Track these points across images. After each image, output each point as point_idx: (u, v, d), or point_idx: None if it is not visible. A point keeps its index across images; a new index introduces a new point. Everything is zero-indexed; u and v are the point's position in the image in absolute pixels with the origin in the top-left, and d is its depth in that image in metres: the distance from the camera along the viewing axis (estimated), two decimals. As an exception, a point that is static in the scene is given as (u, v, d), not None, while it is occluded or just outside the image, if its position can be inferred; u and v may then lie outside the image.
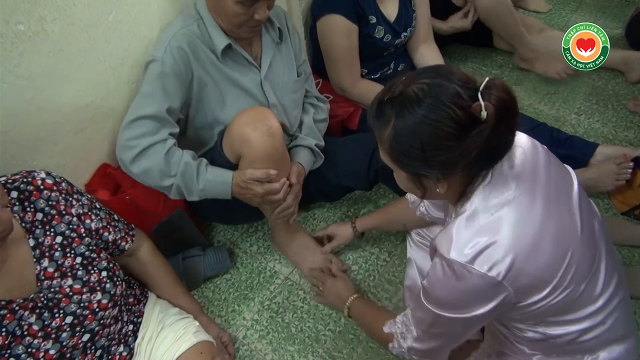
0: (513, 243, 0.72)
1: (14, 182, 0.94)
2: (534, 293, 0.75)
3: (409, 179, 0.80)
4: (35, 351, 0.91)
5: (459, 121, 0.69)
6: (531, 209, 0.75)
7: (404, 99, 0.72)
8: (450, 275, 0.74)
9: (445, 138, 0.70)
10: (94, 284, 0.99)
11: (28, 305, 0.91)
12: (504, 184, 0.76)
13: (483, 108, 0.67)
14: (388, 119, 0.74)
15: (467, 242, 0.73)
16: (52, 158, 1.20)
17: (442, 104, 0.69)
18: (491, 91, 0.68)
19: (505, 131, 0.72)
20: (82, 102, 1.20)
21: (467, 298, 0.75)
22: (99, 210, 1.09)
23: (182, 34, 1.16)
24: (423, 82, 0.71)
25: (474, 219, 0.75)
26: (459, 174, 0.75)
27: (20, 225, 0.93)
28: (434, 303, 0.79)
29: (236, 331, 1.39)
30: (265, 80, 1.28)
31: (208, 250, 1.52)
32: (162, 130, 1.15)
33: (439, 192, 0.78)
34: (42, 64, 1.08)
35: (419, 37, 1.65)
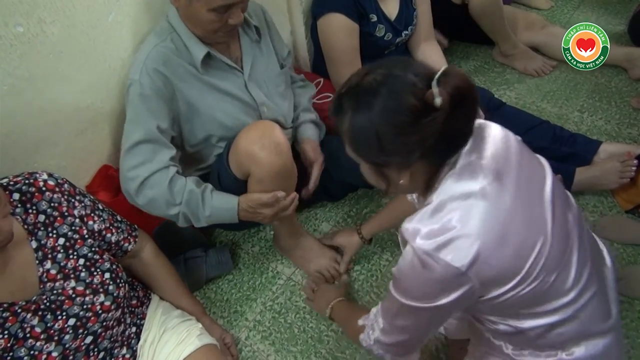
0: (479, 233, 0.72)
1: (15, 184, 0.94)
2: (500, 285, 0.75)
3: (372, 170, 0.81)
4: (37, 354, 0.91)
5: (413, 109, 0.69)
6: (499, 200, 0.74)
7: (359, 90, 0.73)
8: (417, 263, 0.74)
9: (401, 126, 0.71)
10: (96, 286, 0.99)
11: (30, 308, 0.92)
12: (471, 174, 0.76)
13: (436, 95, 0.68)
14: (346, 111, 0.75)
15: (433, 230, 0.73)
16: (52, 160, 1.21)
17: (396, 92, 0.70)
18: (447, 79, 0.69)
19: (462, 119, 0.72)
20: (83, 103, 1.21)
21: (431, 287, 0.75)
22: (101, 212, 1.09)
23: (156, 52, 1.14)
24: (378, 73, 0.72)
25: (440, 209, 0.75)
26: (420, 163, 0.75)
27: (22, 227, 0.93)
28: (401, 291, 0.80)
29: (239, 332, 1.39)
30: (249, 81, 1.28)
31: (210, 251, 1.52)
32: (160, 155, 1.14)
33: (403, 183, 0.79)
34: (42, 66, 1.09)
35: (420, 36, 1.65)
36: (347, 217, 1.65)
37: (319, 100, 1.65)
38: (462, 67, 2.13)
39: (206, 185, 1.19)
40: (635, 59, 1.90)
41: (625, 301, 1.32)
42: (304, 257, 1.48)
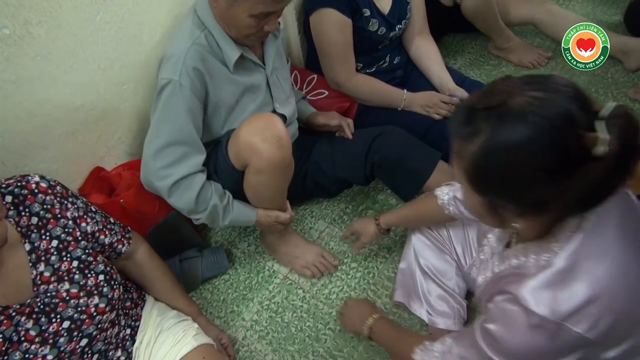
0: (618, 299, 0.63)
1: (8, 187, 0.95)
2: (613, 347, 0.68)
3: (484, 206, 0.68)
4: (32, 357, 0.92)
5: (569, 152, 0.56)
6: (630, 256, 0.65)
7: (504, 111, 0.60)
8: (541, 332, 0.64)
9: (546, 170, 0.58)
10: (91, 288, 1.00)
11: (25, 311, 0.92)
12: (603, 230, 0.65)
13: (603, 142, 0.55)
14: (477, 132, 0.62)
15: (564, 296, 0.63)
16: (43, 163, 1.21)
17: (551, 126, 0.57)
18: (615, 121, 0.56)
19: (621, 173, 0.59)
20: (72, 105, 1.22)
21: (551, 354, 0.67)
22: (94, 214, 1.10)
23: (194, 50, 1.15)
24: (530, 95, 0.59)
25: (573, 270, 0.64)
26: (548, 215, 0.65)
27: (15, 229, 0.94)
28: (502, 354, 0.70)
29: (235, 332, 1.41)
30: (270, 76, 1.31)
31: (205, 251, 1.53)
32: (193, 158, 1.20)
33: (516, 227, 0.68)
34: (29, 68, 1.09)
35: (414, 29, 1.66)
36: (344, 214, 1.66)
37: (313, 97, 1.66)
38: (457, 60, 2.14)
39: (228, 196, 1.27)
40: (630, 50, 1.90)
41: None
42: (290, 254, 1.50)
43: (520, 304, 0.66)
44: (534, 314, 0.64)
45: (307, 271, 1.49)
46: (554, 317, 0.63)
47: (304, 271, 1.49)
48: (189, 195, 1.19)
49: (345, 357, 1.31)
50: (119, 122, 1.36)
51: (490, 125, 0.61)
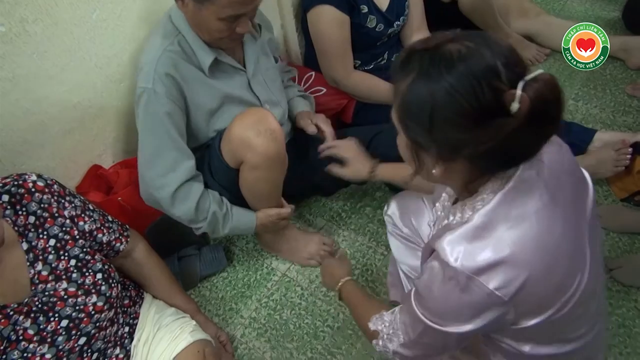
0: (529, 262, 0.65)
1: (4, 186, 0.95)
2: (534, 316, 0.70)
3: (408, 146, 0.72)
4: (31, 356, 0.92)
5: (484, 103, 0.60)
6: (552, 226, 0.67)
7: (435, 55, 0.63)
8: (453, 285, 0.67)
9: (460, 115, 0.61)
10: (89, 287, 1.01)
11: (23, 310, 0.93)
12: (527, 192, 0.67)
13: (517, 99, 0.58)
14: (410, 71, 0.65)
15: (478, 252, 0.66)
16: (40, 161, 1.21)
17: (473, 76, 0.60)
18: (535, 84, 0.59)
19: (534, 136, 0.62)
20: (69, 103, 1.22)
21: (464, 311, 0.69)
22: (92, 212, 1.10)
23: (165, 57, 1.14)
24: (464, 44, 0.62)
25: (489, 228, 0.67)
26: (463, 163, 0.67)
27: (12, 229, 0.94)
28: (427, 311, 0.73)
29: (234, 330, 1.41)
30: (252, 79, 1.30)
31: (204, 248, 1.54)
32: (183, 163, 1.19)
33: (434, 173, 0.71)
34: (25, 66, 1.09)
35: (412, 26, 1.66)
36: (342, 211, 1.66)
37: (311, 94, 1.66)
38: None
39: (226, 204, 1.28)
40: (631, 49, 1.91)
41: (622, 290, 1.34)
42: (292, 249, 1.51)
43: (439, 258, 0.69)
44: (448, 265, 0.67)
45: (312, 262, 1.50)
46: (465, 269, 0.65)
47: (310, 262, 1.50)
48: (188, 205, 1.20)
49: (343, 355, 1.32)
50: (116, 120, 1.36)
51: (420, 66, 0.64)
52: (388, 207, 1.24)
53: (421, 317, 0.74)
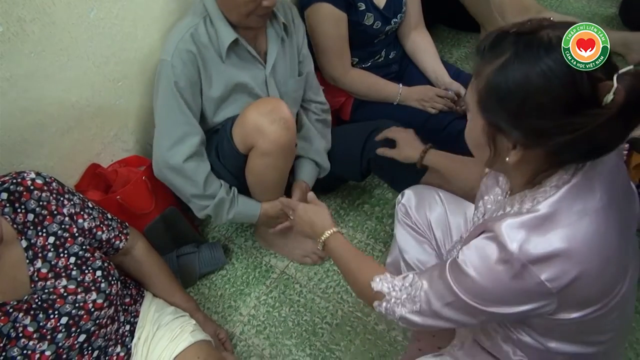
0: (585, 259, 0.65)
1: (3, 184, 0.95)
2: (573, 311, 0.70)
3: (484, 130, 0.70)
4: (30, 353, 0.93)
5: (580, 91, 0.60)
6: (608, 227, 0.67)
7: (532, 38, 0.63)
8: (507, 269, 0.66)
9: (555, 101, 0.61)
10: (88, 284, 1.01)
11: (22, 307, 0.93)
12: (590, 190, 0.67)
13: (612, 91, 0.59)
14: (501, 53, 0.64)
15: (537, 241, 0.65)
16: (39, 160, 1.22)
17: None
18: (629, 77, 0.60)
19: (621, 129, 0.62)
20: (67, 102, 1.22)
21: (509, 296, 0.69)
22: (91, 210, 1.10)
23: (190, 35, 1.20)
24: (562, 31, 0.63)
25: (552, 219, 0.66)
26: (541, 152, 0.67)
27: (11, 226, 0.94)
28: (465, 288, 0.72)
29: (233, 327, 1.42)
30: (269, 77, 1.31)
31: (202, 246, 1.54)
32: (190, 138, 1.25)
33: (508, 161, 0.69)
34: (23, 65, 1.09)
35: (410, 24, 1.66)
36: (340, 208, 1.67)
37: (309, 91, 1.66)
38: (453, 54, 2.14)
39: (234, 190, 1.33)
40: (630, 43, 1.91)
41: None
42: (288, 245, 1.52)
43: (497, 240, 0.68)
44: (505, 248, 0.66)
45: (307, 260, 1.51)
46: (522, 256, 0.65)
47: (305, 260, 1.51)
48: (196, 179, 1.26)
49: (342, 351, 1.32)
50: (115, 118, 1.36)
51: (515, 48, 0.63)
52: (402, 196, 1.23)
53: (456, 291, 0.73)
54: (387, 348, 1.31)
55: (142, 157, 1.43)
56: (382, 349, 1.30)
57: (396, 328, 1.33)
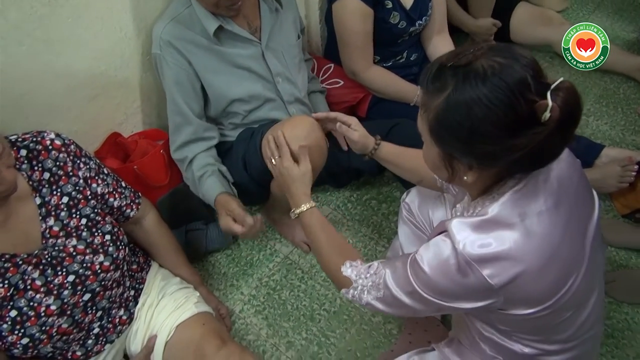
0: (524, 259, 0.68)
1: (24, 141, 0.95)
2: (523, 308, 0.73)
3: (440, 157, 0.73)
4: (37, 305, 0.92)
5: (519, 114, 0.62)
6: (553, 228, 0.70)
7: (469, 70, 0.64)
8: (453, 264, 0.70)
9: (498, 127, 0.63)
10: (97, 246, 1.00)
11: (32, 261, 0.92)
12: (533, 195, 0.70)
13: (549, 109, 0.61)
14: (444, 87, 0.66)
15: (481, 241, 0.69)
16: (64, 123, 1.21)
17: (508, 88, 0.62)
18: (560, 93, 0.62)
19: (560, 140, 0.65)
20: (97, 70, 1.21)
21: (456, 291, 0.72)
22: (106, 176, 1.09)
23: (170, 26, 1.19)
24: (494, 60, 0.64)
25: (495, 222, 0.70)
26: (494, 170, 0.70)
27: (27, 183, 0.93)
28: (421, 281, 0.75)
29: (233, 305, 1.40)
30: (266, 50, 1.29)
31: (211, 224, 1.52)
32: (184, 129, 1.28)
33: (466, 180, 0.72)
34: (60, 29, 1.09)
35: (434, 28, 1.63)
36: (348, 202, 1.65)
37: (329, 85, 1.64)
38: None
39: (205, 172, 1.28)
40: None
41: (614, 302, 1.31)
42: (292, 228, 1.51)
43: (449, 238, 0.72)
44: (452, 245, 0.70)
45: (304, 246, 1.50)
46: (466, 253, 0.68)
47: (302, 245, 1.50)
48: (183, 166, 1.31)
49: (337, 338, 1.30)
50: (139, 91, 1.35)
51: (455, 81, 0.65)
52: (407, 194, 1.22)
53: (414, 284, 0.76)
54: (382, 340, 1.28)
55: (161, 131, 1.42)
56: (377, 340, 1.28)
57: (392, 321, 1.31)
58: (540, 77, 0.64)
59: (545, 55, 2.07)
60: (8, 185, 0.84)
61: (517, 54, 0.65)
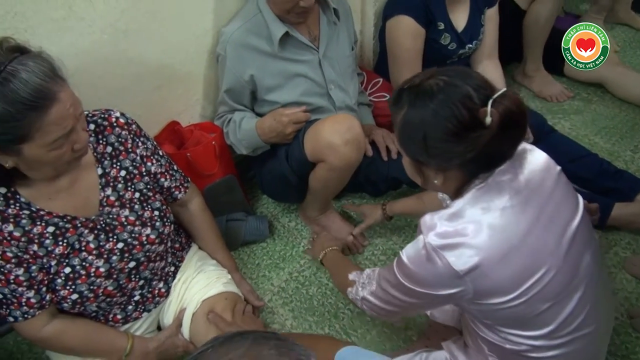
0: (485, 247, 0.74)
1: (93, 116, 1.02)
2: (493, 296, 0.77)
3: (412, 164, 0.84)
4: (88, 266, 0.98)
5: (463, 121, 0.71)
6: (517, 222, 0.76)
7: (419, 90, 0.75)
8: (423, 254, 0.77)
9: (447, 133, 0.72)
10: (145, 220, 1.05)
11: (88, 225, 0.98)
12: (497, 192, 0.77)
13: (488, 114, 0.69)
14: (402, 106, 0.77)
15: (446, 232, 0.76)
16: (130, 107, 1.26)
17: (451, 102, 0.71)
18: (503, 101, 0.70)
19: (506, 142, 0.74)
20: (164, 61, 1.28)
21: (429, 278, 0.78)
22: (160, 157, 1.14)
23: (242, 30, 1.24)
24: (440, 79, 0.74)
25: (459, 214, 0.77)
26: (456, 170, 0.78)
27: (92, 154, 1.00)
28: (402, 272, 0.82)
29: (263, 294, 1.42)
30: (323, 58, 1.33)
31: (250, 217, 1.56)
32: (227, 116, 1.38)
33: (437, 183, 0.81)
34: (138, 22, 1.16)
35: (484, 52, 1.62)
36: (382, 211, 1.64)
37: (376, 98, 1.66)
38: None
39: (244, 116, 1.35)
40: None
41: (637, 336, 1.24)
42: (325, 228, 1.51)
43: (419, 231, 0.79)
44: (422, 237, 0.77)
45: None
46: (432, 242, 0.75)
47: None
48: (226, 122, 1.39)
49: (358, 337, 1.29)
50: (200, 85, 1.41)
51: (409, 100, 0.76)
52: None
53: (396, 274, 0.84)
54: (401, 344, 1.26)
55: (215, 125, 1.47)
56: (396, 344, 1.26)
57: (412, 327, 1.29)
58: (484, 89, 0.72)
59: (596, 90, 2.00)
60: (84, 143, 0.89)
61: (462, 72, 0.75)
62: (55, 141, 0.82)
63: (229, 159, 1.48)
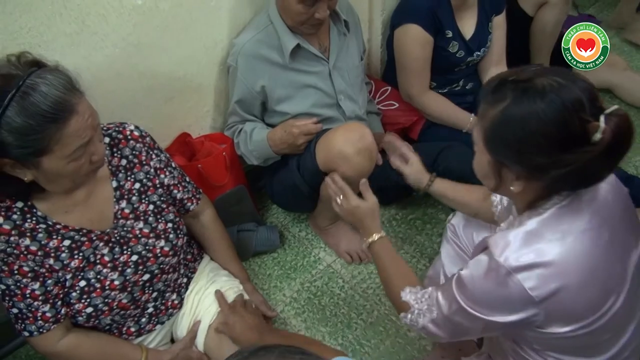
0: (566, 273, 0.68)
1: (108, 130, 1.02)
2: (563, 325, 0.72)
3: (491, 164, 0.74)
4: (103, 279, 0.97)
5: (572, 131, 0.64)
6: (595, 247, 0.70)
7: (529, 85, 0.67)
8: (493, 276, 0.70)
9: (550, 141, 0.65)
10: (160, 232, 1.05)
11: (103, 238, 0.98)
12: (577, 213, 0.71)
13: (600, 130, 0.62)
14: (502, 98, 0.69)
15: (522, 252, 0.69)
16: (142, 120, 1.27)
17: (564, 106, 0.64)
18: (614, 118, 0.63)
19: (608, 163, 0.67)
20: (175, 74, 1.29)
21: (498, 303, 0.72)
22: (173, 169, 1.14)
23: (253, 42, 1.25)
24: (553, 79, 0.66)
25: (538, 235, 0.70)
26: (540, 182, 0.70)
27: (107, 167, 1.00)
28: (465, 296, 0.76)
29: (275, 305, 1.41)
30: (333, 69, 1.33)
31: (261, 228, 1.56)
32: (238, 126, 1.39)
33: (512, 190, 0.73)
34: (150, 36, 1.17)
35: (492, 59, 1.61)
36: (393, 219, 1.63)
37: (384, 106, 1.66)
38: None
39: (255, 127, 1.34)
40: None
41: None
42: (337, 238, 1.51)
43: (489, 252, 0.72)
44: (493, 258, 0.71)
45: (347, 256, 1.49)
46: (506, 264, 0.69)
47: (345, 256, 1.50)
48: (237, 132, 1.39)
49: (372, 348, 1.28)
50: (210, 97, 1.42)
51: (514, 94, 0.68)
52: (453, 216, 1.23)
53: (458, 300, 0.76)
54: (415, 354, 1.25)
55: (226, 136, 1.48)
56: (410, 355, 1.25)
57: (426, 337, 1.27)
58: (596, 102, 0.65)
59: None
60: (101, 155, 0.90)
61: (575, 77, 0.67)
62: (73, 152, 0.82)
63: (239, 170, 1.48)
